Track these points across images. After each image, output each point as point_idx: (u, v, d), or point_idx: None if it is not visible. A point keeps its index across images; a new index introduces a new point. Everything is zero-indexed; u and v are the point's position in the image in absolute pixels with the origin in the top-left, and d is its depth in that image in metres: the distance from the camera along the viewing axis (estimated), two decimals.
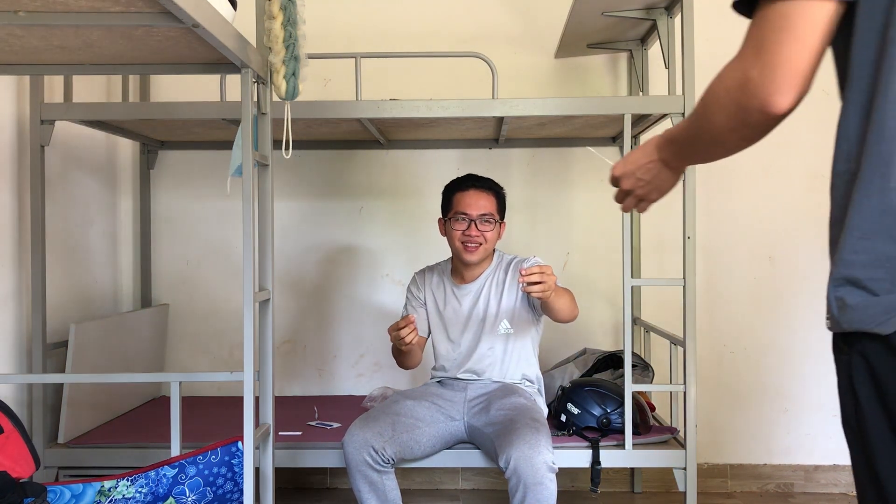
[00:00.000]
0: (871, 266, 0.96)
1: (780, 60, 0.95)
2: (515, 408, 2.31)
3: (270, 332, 1.91)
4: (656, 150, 1.24)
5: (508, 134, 3.01)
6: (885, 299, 0.94)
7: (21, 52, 1.70)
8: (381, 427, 2.28)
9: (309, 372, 3.32)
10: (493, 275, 2.53)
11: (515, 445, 2.09)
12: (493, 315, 2.50)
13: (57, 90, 2.70)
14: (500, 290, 2.51)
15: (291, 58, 1.80)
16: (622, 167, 1.29)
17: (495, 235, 2.50)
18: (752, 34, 0.99)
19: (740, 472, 3.21)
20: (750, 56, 0.97)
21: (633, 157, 1.27)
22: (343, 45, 3.12)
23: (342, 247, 3.30)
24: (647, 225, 3.20)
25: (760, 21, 0.98)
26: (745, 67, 0.98)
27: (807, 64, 0.96)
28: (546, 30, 3.19)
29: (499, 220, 2.51)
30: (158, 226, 3.30)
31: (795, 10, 0.94)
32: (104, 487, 1.95)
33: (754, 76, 0.96)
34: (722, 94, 1.01)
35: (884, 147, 0.95)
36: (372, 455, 2.23)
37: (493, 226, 2.48)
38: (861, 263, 0.97)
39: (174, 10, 1.32)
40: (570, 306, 2.32)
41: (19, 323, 2.50)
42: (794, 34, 0.95)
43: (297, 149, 2.40)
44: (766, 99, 0.96)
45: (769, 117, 0.98)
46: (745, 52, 0.99)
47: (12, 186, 2.48)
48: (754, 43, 0.98)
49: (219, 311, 3.27)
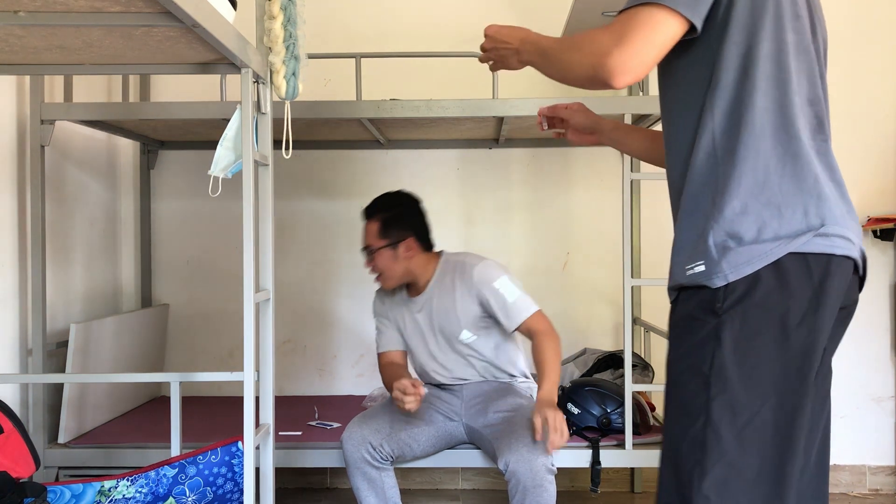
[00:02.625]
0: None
1: (634, 53, 1.21)
2: (513, 409, 2.31)
3: (270, 332, 1.91)
4: (520, 42, 1.47)
5: (508, 134, 3.01)
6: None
7: (21, 52, 1.70)
8: (378, 424, 2.28)
9: (309, 372, 3.32)
10: (440, 282, 2.39)
11: (514, 449, 2.08)
12: (452, 325, 2.37)
13: (57, 90, 2.70)
14: (451, 297, 2.36)
15: (291, 58, 1.80)
16: (494, 32, 1.54)
17: (388, 261, 2.36)
18: (622, 22, 1.23)
19: None
20: (614, 40, 1.22)
21: (505, 32, 1.51)
22: (343, 45, 3.12)
23: (342, 247, 3.30)
24: (647, 225, 3.20)
25: (635, 13, 1.22)
26: (607, 47, 1.22)
27: (651, 61, 1.24)
28: (546, 30, 3.15)
29: (378, 248, 2.36)
30: (158, 226, 3.30)
31: (658, 18, 1.21)
32: (104, 487, 1.95)
33: (611, 57, 1.22)
34: (585, 52, 1.26)
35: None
36: (370, 452, 2.23)
37: (378, 253, 2.36)
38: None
39: (174, 9, 1.32)
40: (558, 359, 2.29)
41: (19, 323, 2.50)
42: (654, 37, 1.21)
43: (297, 149, 2.40)
44: (613, 77, 1.23)
45: (609, 87, 1.25)
46: (612, 34, 1.23)
47: (12, 186, 2.47)
48: (620, 31, 1.22)
49: (219, 311, 3.27)
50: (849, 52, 3.09)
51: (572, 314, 3.27)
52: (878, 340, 3.18)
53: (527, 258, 3.28)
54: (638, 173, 3.07)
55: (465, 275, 2.35)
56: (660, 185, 3.18)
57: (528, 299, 2.33)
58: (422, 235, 2.41)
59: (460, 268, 2.38)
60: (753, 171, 1.21)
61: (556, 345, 2.28)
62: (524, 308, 2.30)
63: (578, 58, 1.28)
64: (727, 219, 1.21)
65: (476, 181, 3.29)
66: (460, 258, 2.42)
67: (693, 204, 1.27)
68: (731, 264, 1.19)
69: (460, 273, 2.37)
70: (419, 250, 2.39)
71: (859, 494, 3.17)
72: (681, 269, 1.26)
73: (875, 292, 3.15)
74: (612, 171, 3.24)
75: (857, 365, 3.18)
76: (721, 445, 1.17)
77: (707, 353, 1.19)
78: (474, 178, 3.29)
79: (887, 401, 3.19)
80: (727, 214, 1.21)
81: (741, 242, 1.19)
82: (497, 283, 2.31)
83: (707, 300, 1.21)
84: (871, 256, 3.12)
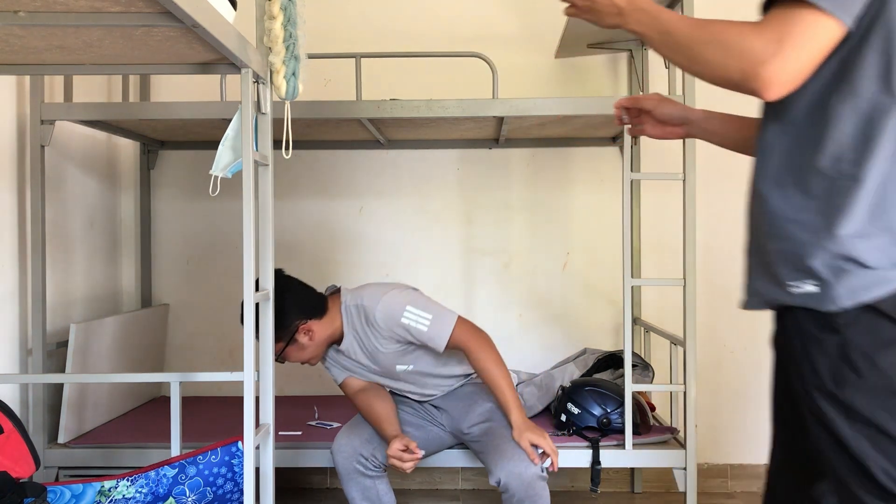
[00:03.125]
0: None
1: (795, 64, 1.08)
2: (488, 417, 2.30)
3: (270, 332, 1.91)
4: (629, 3, 1.28)
5: (508, 134, 3.01)
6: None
7: (21, 52, 1.70)
8: (369, 433, 2.27)
9: (309, 372, 3.31)
10: (352, 329, 2.27)
11: (501, 465, 2.08)
12: (385, 363, 2.29)
13: (57, 90, 2.70)
14: (369, 342, 2.26)
15: (291, 58, 1.80)
16: None
17: (298, 353, 2.24)
18: (779, 20, 1.09)
19: (740, 472, 3.21)
20: (772, 42, 1.08)
21: None
22: (343, 45, 3.12)
23: (342, 247, 3.30)
24: (647, 225, 3.21)
25: (793, 16, 1.08)
26: (764, 54, 1.09)
27: (808, 71, 1.10)
28: (546, 30, 3.19)
29: (281, 350, 2.21)
30: (159, 226, 3.30)
31: (823, 26, 1.08)
32: (104, 487, 1.95)
33: (769, 67, 1.08)
34: (734, 54, 1.12)
35: None
36: (362, 462, 2.23)
37: (285, 354, 2.23)
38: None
39: (174, 10, 1.32)
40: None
41: (19, 323, 2.50)
42: (813, 46, 1.08)
43: (297, 149, 2.40)
44: (768, 88, 1.10)
45: (754, 93, 1.12)
46: (769, 39, 1.09)
47: (12, 186, 2.47)
48: (779, 32, 1.09)
49: (219, 311, 3.27)
50: None
51: (572, 314, 3.27)
52: None
53: (527, 258, 3.28)
54: (638, 173, 3.07)
55: (370, 320, 2.22)
56: (660, 185, 3.20)
57: (442, 317, 2.20)
58: (308, 309, 2.24)
59: (363, 313, 2.23)
60: (875, 194, 1.13)
61: (489, 353, 2.20)
62: (442, 330, 2.18)
63: (723, 58, 1.14)
64: (842, 239, 1.13)
65: (476, 181, 3.29)
66: (357, 299, 2.25)
67: (792, 211, 1.18)
68: (847, 289, 1.12)
69: (365, 319, 2.23)
70: (316, 322, 2.24)
71: None
72: (781, 283, 1.19)
73: None
74: (612, 171, 3.24)
75: None
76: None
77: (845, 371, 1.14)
78: (474, 178, 3.29)
79: None
80: (842, 234, 1.13)
81: (858, 266, 1.12)
82: (405, 319, 2.18)
83: (821, 320, 1.14)
84: None
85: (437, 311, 2.21)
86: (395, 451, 2.14)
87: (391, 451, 2.14)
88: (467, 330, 2.22)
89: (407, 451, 2.14)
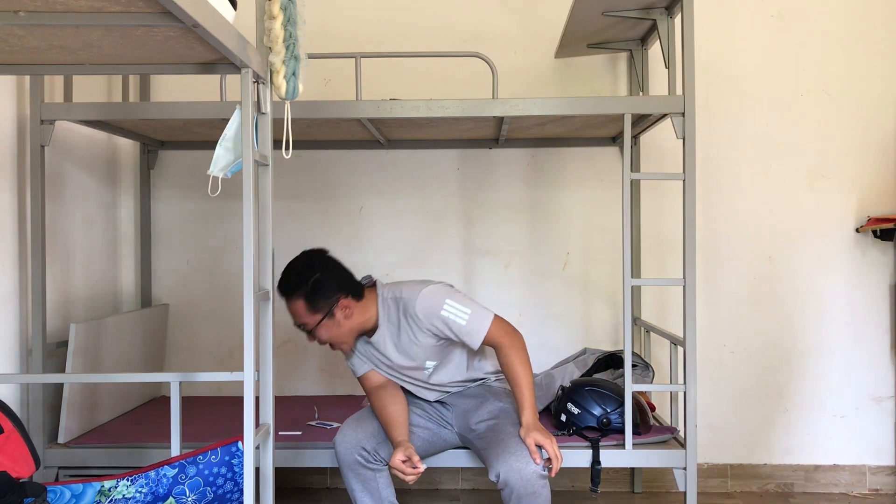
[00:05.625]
0: None
1: None
2: (495, 415, 2.31)
3: (270, 332, 1.91)
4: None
5: (508, 134, 3.01)
6: None
7: (21, 52, 1.70)
8: (374, 428, 2.28)
9: (309, 372, 3.32)
10: (388, 321, 2.30)
11: (503, 459, 2.09)
12: (414, 360, 2.32)
13: (57, 90, 2.70)
14: (405, 335, 2.28)
15: (291, 58, 1.80)
16: None
17: (332, 330, 2.26)
18: None
19: (740, 472, 3.21)
20: None
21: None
22: (343, 45, 3.13)
23: (342, 247, 3.30)
24: (647, 225, 3.21)
25: None
26: None
27: None
28: (546, 30, 3.19)
29: (316, 324, 2.24)
30: (159, 226, 3.31)
31: None
32: (104, 487, 1.95)
33: None
34: None
35: None
36: (363, 455, 2.23)
37: (318, 329, 2.25)
38: None
39: (174, 9, 1.32)
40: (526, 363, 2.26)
41: (19, 323, 2.50)
42: None
43: (297, 149, 2.40)
44: None
45: None
46: None
47: (12, 186, 2.47)
48: None
49: (219, 311, 3.27)
50: (849, 52, 3.09)
51: (572, 314, 3.27)
52: (878, 340, 3.18)
53: (527, 258, 3.29)
54: (638, 173, 3.07)
55: (409, 312, 2.25)
56: (660, 185, 3.21)
57: (480, 312, 2.24)
58: (350, 288, 2.28)
59: (402, 305, 2.27)
60: None
61: (520, 354, 2.24)
62: (480, 325, 2.22)
63: None
64: None
65: (476, 181, 3.29)
66: (397, 293, 2.29)
67: None
68: None
69: (403, 311, 2.26)
70: (354, 303, 2.27)
71: (859, 494, 3.17)
72: None
73: (875, 292, 3.15)
74: (612, 170, 3.25)
75: (857, 365, 3.18)
76: None
77: None
78: (474, 178, 3.29)
79: (887, 401, 3.19)
80: None
81: None
82: (444, 312, 2.22)
83: None
84: (871, 256, 3.12)
85: (475, 307, 2.26)
86: (397, 462, 2.15)
87: (393, 462, 2.16)
88: (503, 327, 2.26)
89: (408, 463, 2.15)
